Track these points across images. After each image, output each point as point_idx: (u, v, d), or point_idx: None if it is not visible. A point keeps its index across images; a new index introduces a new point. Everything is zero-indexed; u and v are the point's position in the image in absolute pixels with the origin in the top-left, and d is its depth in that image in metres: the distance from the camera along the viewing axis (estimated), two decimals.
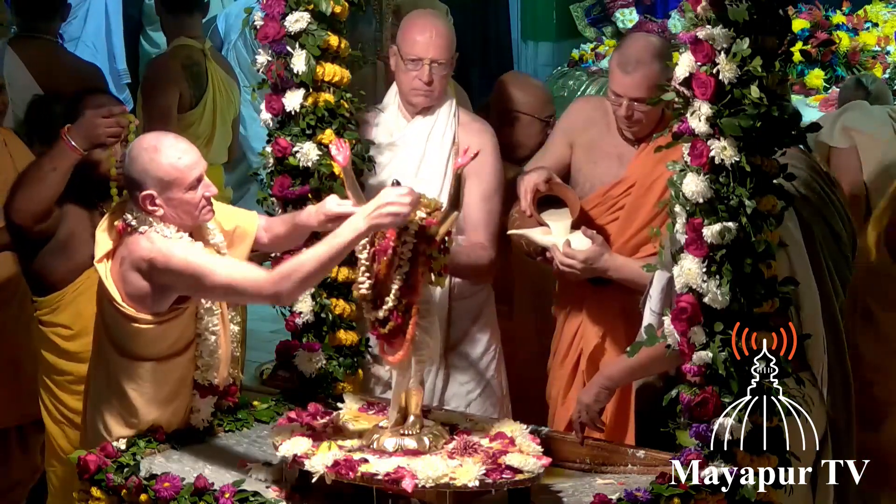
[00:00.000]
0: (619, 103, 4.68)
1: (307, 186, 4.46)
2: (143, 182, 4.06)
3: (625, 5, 10.27)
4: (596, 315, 4.79)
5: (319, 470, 3.78)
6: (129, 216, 4.12)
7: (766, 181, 3.63)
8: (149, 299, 4.08)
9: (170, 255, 4.02)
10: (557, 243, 4.59)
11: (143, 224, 4.09)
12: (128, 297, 4.09)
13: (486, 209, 4.73)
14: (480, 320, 4.94)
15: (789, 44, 3.63)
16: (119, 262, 4.11)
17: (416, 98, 4.77)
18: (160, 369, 4.15)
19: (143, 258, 4.04)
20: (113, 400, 4.17)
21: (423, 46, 4.70)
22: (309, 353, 4.51)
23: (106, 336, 4.19)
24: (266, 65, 4.45)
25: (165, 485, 3.87)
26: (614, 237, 4.69)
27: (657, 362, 4.12)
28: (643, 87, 4.61)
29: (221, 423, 4.30)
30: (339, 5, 4.46)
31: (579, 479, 4.05)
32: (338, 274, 4.50)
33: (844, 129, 5.70)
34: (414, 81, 4.74)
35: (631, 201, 4.72)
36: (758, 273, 3.64)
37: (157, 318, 4.10)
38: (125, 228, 4.13)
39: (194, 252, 4.06)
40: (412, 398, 3.93)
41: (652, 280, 4.22)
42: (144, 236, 4.07)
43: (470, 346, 4.92)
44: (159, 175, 4.05)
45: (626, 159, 4.79)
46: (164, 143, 4.10)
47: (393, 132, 4.82)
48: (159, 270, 4.03)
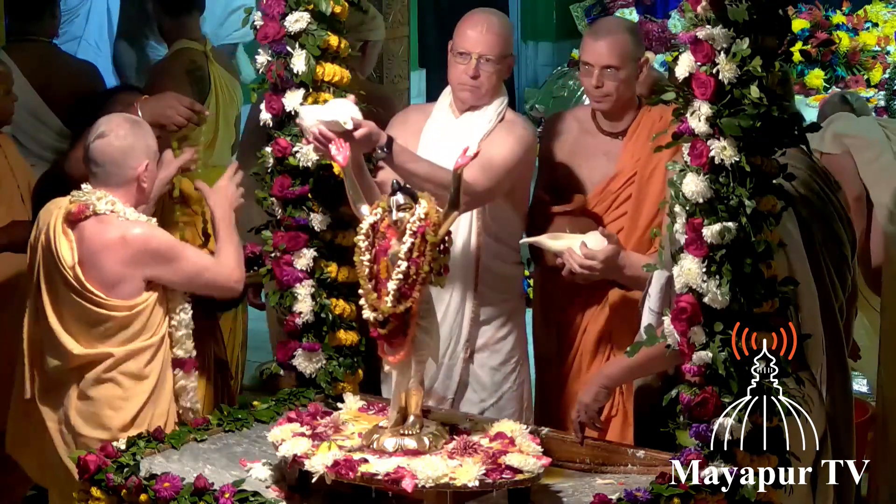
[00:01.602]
0: (590, 73, 4.72)
1: (307, 186, 4.46)
2: (140, 156, 4.37)
3: (625, 5, 10.28)
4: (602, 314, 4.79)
5: (319, 470, 3.78)
6: (89, 198, 4.34)
7: (765, 181, 3.64)
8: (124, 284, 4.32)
9: (152, 237, 4.36)
10: (572, 245, 4.58)
11: (110, 207, 4.33)
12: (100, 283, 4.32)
13: (480, 164, 4.51)
14: (504, 329, 4.92)
15: (789, 44, 3.64)
16: (86, 247, 4.32)
17: (462, 92, 4.76)
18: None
19: (126, 238, 4.30)
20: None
21: (472, 40, 4.71)
22: (309, 353, 4.51)
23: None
24: (266, 65, 4.45)
25: (165, 485, 3.87)
26: (625, 233, 4.70)
27: (656, 362, 4.12)
28: (613, 53, 4.68)
29: (221, 423, 4.31)
30: (339, 5, 4.46)
31: (579, 479, 4.05)
32: (338, 274, 4.50)
33: (836, 136, 5.72)
34: (461, 75, 4.73)
35: (635, 193, 4.73)
36: (757, 273, 3.64)
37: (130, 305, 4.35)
38: (83, 210, 4.33)
39: (172, 237, 4.45)
40: (412, 398, 3.93)
41: (651, 280, 4.22)
42: (121, 218, 4.33)
43: (490, 354, 4.91)
44: (150, 144, 4.41)
45: (613, 155, 4.81)
46: (140, 121, 4.48)
47: (442, 127, 4.82)
48: (143, 252, 4.31)
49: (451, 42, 4.79)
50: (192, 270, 4.42)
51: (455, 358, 4.87)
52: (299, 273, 4.47)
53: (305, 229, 4.47)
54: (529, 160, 4.83)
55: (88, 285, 4.33)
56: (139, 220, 4.39)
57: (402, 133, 4.68)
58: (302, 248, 4.47)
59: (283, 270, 4.48)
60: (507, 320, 4.93)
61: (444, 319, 4.78)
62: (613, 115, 4.80)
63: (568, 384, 4.88)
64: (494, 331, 4.90)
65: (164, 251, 4.38)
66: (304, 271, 4.48)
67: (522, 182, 4.84)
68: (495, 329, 4.90)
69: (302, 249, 4.47)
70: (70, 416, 4.38)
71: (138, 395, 4.39)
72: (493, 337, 4.91)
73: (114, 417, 4.37)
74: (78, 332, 4.37)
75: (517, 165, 4.71)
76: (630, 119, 4.80)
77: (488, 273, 4.85)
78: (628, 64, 4.71)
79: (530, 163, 4.84)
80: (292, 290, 4.49)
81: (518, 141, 4.73)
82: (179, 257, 4.40)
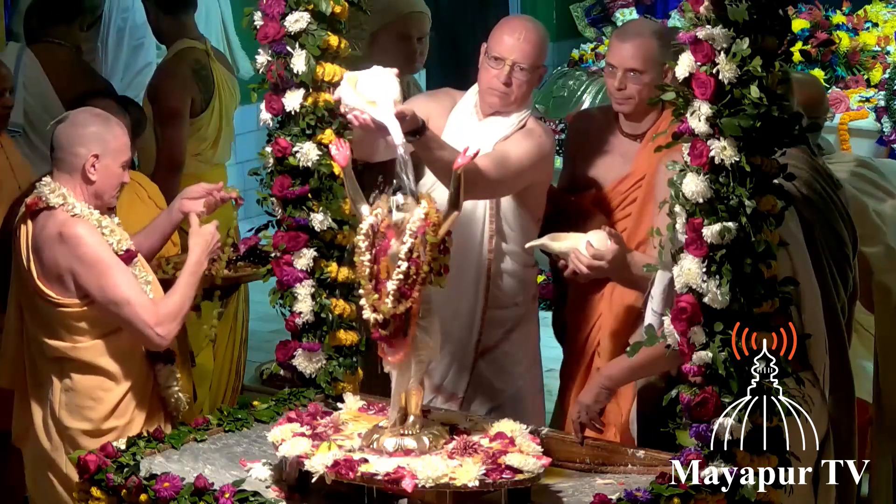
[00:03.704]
0: (614, 75, 4.71)
1: (307, 186, 4.46)
2: (89, 144, 4.33)
3: (625, 5, 10.27)
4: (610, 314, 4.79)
5: (319, 470, 3.78)
6: (43, 191, 4.34)
7: (766, 181, 3.64)
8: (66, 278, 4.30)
9: (86, 243, 4.28)
10: (578, 246, 4.57)
11: (60, 200, 4.31)
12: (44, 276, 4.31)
13: (494, 157, 4.58)
14: (514, 334, 4.91)
15: (789, 44, 3.64)
16: (35, 239, 4.33)
17: (491, 97, 4.74)
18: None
19: (63, 235, 4.27)
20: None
21: (508, 47, 4.69)
22: (309, 353, 4.51)
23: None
24: (266, 65, 4.45)
25: (165, 485, 3.87)
26: (629, 233, 4.70)
27: (658, 362, 4.12)
28: (638, 57, 4.66)
29: (221, 423, 4.31)
30: (339, 5, 4.45)
31: (579, 479, 4.05)
32: (338, 274, 4.50)
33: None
34: (493, 80, 4.71)
35: (642, 196, 4.73)
36: (758, 273, 3.64)
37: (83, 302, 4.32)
38: (37, 202, 4.34)
39: (111, 253, 4.32)
40: (412, 398, 3.93)
41: (653, 280, 4.22)
42: (68, 212, 4.31)
43: (497, 358, 4.90)
44: (107, 139, 4.36)
45: (629, 156, 4.80)
46: (111, 118, 4.44)
47: (463, 128, 4.79)
48: (71, 253, 4.27)
49: (485, 45, 4.76)
50: (112, 296, 4.27)
51: (467, 357, 4.87)
52: (299, 273, 4.47)
53: (305, 229, 4.47)
54: (545, 167, 4.79)
55: (40, 283, 4.34)
56: (89, 217, 4.34)
57: (433, 106, 4.74)
58: (302, 248, 4.47)
59: (283, 270, 4.48)
60: (519, 322, 4.92)
61: (456, 319, 4.79)
62: (634, 117, 4.79)
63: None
64: (506, 332, 4.90)
65: (89, 260, 4.28)
66: (304, 271, 4.48)
67: (536, 187, 4.81)
68: (507, 331, 4.90)
69: (302, 249, 4.47)
70: (55, 409, 4.39)
71: (118, 386, 4.40)
72: (505, 338, 4.90)
73: (94, 408, 4.37)
74: (46, 326, 4.39)
75: (530, 168, 4.68)
76: (651, 122, 4.78)
77: (500, 276, 4.85)
78: (653, 68, 4.66)
79: (546, 170, 4.81)
80: (292, 290, 4.49)
81: (535, 145, 4.70)
82: (104, 275, 4.27)
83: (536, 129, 4.76)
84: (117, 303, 4.28)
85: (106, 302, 4.29)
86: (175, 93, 6.39)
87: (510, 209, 4.80)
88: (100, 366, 4.37)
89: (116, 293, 4.28)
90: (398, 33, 5.67)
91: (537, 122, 4.84)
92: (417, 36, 5.68)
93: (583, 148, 4.93)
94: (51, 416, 4.42)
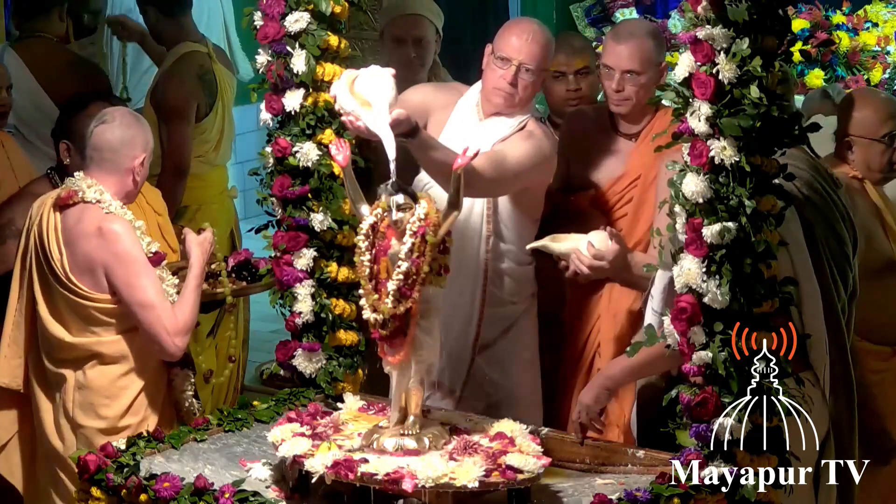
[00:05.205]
0: (610, 76, 4.71)
1: (307, 186, 4.46)
2: (140, 145, 4.43)
3: (625, 5, 10.26)
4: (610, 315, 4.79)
5: (319, 470, 3.78)
6: (80, 185, 4.37)
7: (765, 181, 3.64)
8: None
9: (124, 241, 4.34)
10: (579, 246, 4.56)
11: (98, 195, 4.37)
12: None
13: (491, 156, 4.54)
14: (511, 333, 4.91)
15: (789, 44, 3.64)
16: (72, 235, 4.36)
17: (496, 97, 4.73)
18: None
19: (102, 230, 4.32)
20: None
21: (515, 48, 4.67)
22: (309, 353, 4.51)
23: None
24: (266, 65, 4.45)
25: (165, 485, 3.87)
26: (626, 233, 4.70)
27: (658, 362, 4.12)
28: (634, 58, 4.67)
29: (221, 423, 4.31)
30: (339, 5, 4.46)
31: (579, 479, 4.05)
32: (338, 274, 4.50)
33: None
34: (498, 80, 4.69)
35: (638, 195, 4.73)
36: (757, 273, 3.64)
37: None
38: (72, 196, 4.37)
39: (144, 255, 4.39)
40: (412, 398, 3.93)
41: (653, 280, 4.22)
42: (104, 209, 4.36)
43: (494, 355, 4.90)
44: (149, 140, 4.48)
45: (624, 156, 4.80)
46: (143, 118, 4.53)
47: (463, 128, 4.78)
48: (108, 249, 4.32)
49: (491, 45, 4.75)
50: (140, 297, 4.33)
51: (465, 354, 4.87)
52: (299, 273, 4.48)
53: (305, 229, 4.47)
54: (544, 169, 4.77)
55: (71, 275, 4.36)
56: (124, 216, 4.40)
57: (440, 96, 4.76)
58: (302, 248, 4.47)
59: (283, 270, 4.48)
60: (517, 320, 4.93)
61: (455, 317, 4.78)
62: (630, 117, 4.79)
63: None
64: (500, 332, 4.90)
65: (125, 258, 4.34)
66: (304, 271, 4.48)
67: (534, 188, 4.81)
68: (505, 328, 4.90)
69: (302, 249, 4.47)
70: (68, 408, 4.39)
71: (134, 383, 4.40)
72: (503, 336, 4.90)
73: (109, 405, 4.38)
74: (68, 320, 4.39)
75: (528, 170, 4.66)
76: (646, 122, 4.78)
77: (498, 275, 4.85)
78: (649, 69, 4.68)
79: (545, 172, 4.79)
80: (292, 290, 4.49)
81: (534, 147, 4.68)
82: (136, 275, 4.33)
83: (536, 132, 4.75)
84: (143, 305, 4.33)
85: (131, 302, 4.34)
86: (181, 98, 6.36)
87: (507, 210, 4.80)
88: (120, 361, 4.39)
89: (144, 296, 4.33)
90: (392, 36, 5.66)
91: (538, 124, 4.83)
92: (413, 39, 5.66)
93: (577, 147, 4.93)
94: (63, 416, 4.42)
